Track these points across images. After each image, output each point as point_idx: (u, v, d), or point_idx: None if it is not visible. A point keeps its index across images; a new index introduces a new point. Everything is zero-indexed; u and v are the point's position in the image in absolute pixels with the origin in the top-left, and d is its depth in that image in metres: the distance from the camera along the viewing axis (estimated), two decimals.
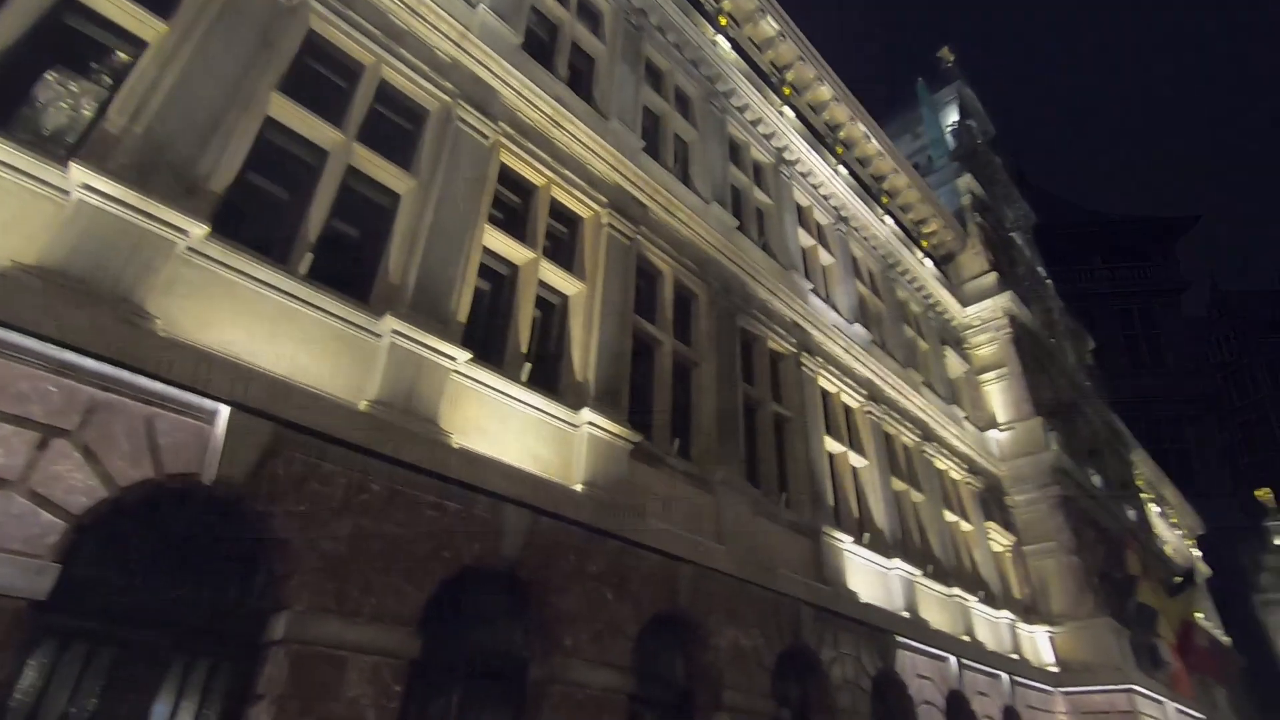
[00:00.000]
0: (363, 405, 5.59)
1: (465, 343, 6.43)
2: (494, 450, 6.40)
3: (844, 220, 16.14)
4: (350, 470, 5.24)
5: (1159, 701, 15.56)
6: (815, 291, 13.45)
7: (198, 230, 4.98)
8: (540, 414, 7.00)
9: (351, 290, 6.01)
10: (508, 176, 8.27)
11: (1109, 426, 26.73)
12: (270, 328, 5.32)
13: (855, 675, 9.42)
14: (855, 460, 12.47)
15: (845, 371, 13.09)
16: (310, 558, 4.82)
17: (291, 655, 4.53)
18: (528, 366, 7.29)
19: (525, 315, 7.59)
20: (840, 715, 8.88)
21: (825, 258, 15.10)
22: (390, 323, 5.90)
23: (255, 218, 6.07)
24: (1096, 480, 20.54)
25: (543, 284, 8.10)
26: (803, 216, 14.84)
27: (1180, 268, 42.88)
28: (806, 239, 14.62)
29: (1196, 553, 36.90)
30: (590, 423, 7.25)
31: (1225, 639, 33.10)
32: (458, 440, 6.09)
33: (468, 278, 6.95)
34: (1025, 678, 13.80)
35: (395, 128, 7.46)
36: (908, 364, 15.69)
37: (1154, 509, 30.74)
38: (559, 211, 8.83)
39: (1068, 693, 14.68)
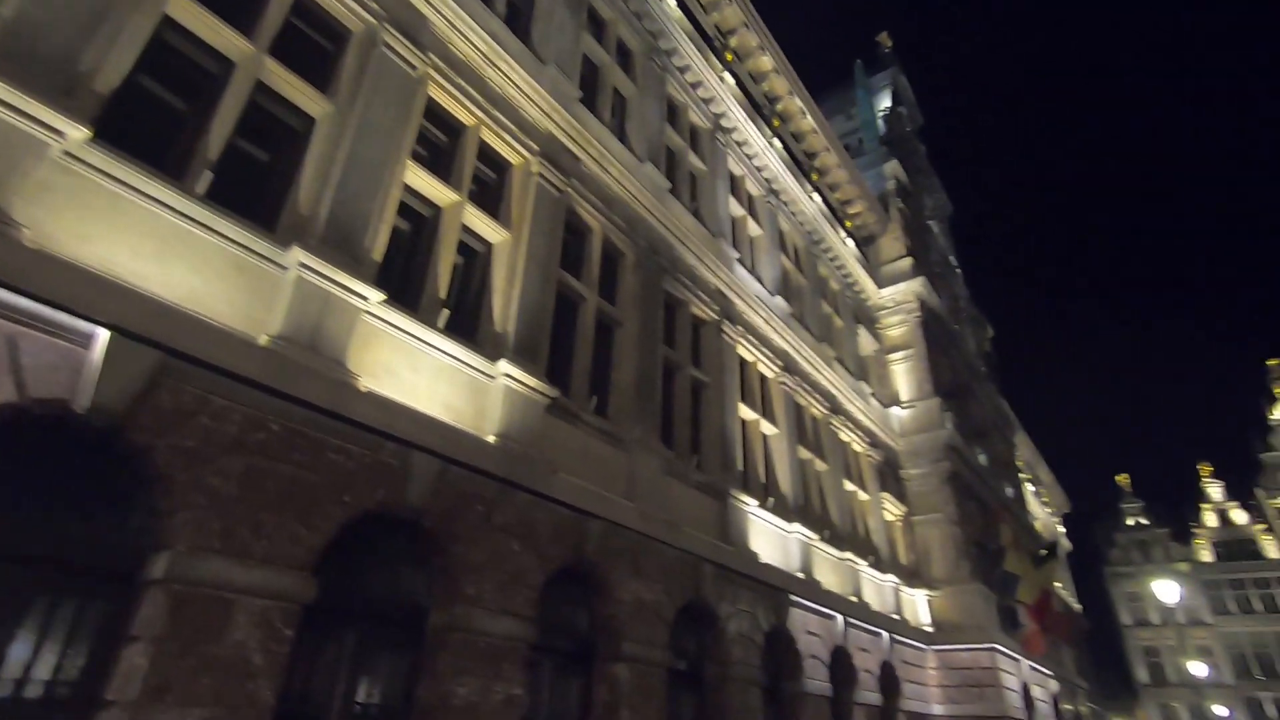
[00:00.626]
0: (263, 340, 5.27)
1: (380, 283, 6.15)
2: (405, 396, 6.21)
3: (774, 193, 16.37)
4: (246, 406, 4.96)
5: (1016, 659, 17.20)
6: (741, 261, 13.64)
7: (76, 133, 4.49)
8: (456, 362, 6.83)
9: (256, 217, 5.60)
10: (435, 113, 7.88)
11: (998, 410, 28.77)
12: (159, 248, 4.90)
13: (750, 630, 9.90)
14: (766, 428, 12.89)
15: (764, 342, 13.43)
16: (197, 495, 4.56)
17: (172, 596, 4.30)
18: (445, 313, 7.07)
19: (446, 260, 7.33)
20: (732, 667, 9.33)
21: (754, 229, 15.32)
22: (298, 255, 5.56)
23: (147, 127, 5.53)
24: (982, 459, 22.15)
25: (466, 229, 7.84)
26: (735, 185, 14.95)
27: None
28: (737, 208, 14.76)
29: (1061, 529, 40.62)
30: (507, 375, 7.14)
31: (1077, 606, 36.84)
32: (366, 383, 5.86)
33: (386, 215, 6.62)
34: (903, 636, 14.90)
35: (313, 46, 6.93)
36: (823, 339, 16.26)
37: (1029, 488, 33.53)
38: (488, 155, 8.51)
39: (939, 650, 15.99)
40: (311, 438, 5.29)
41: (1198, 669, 40.47)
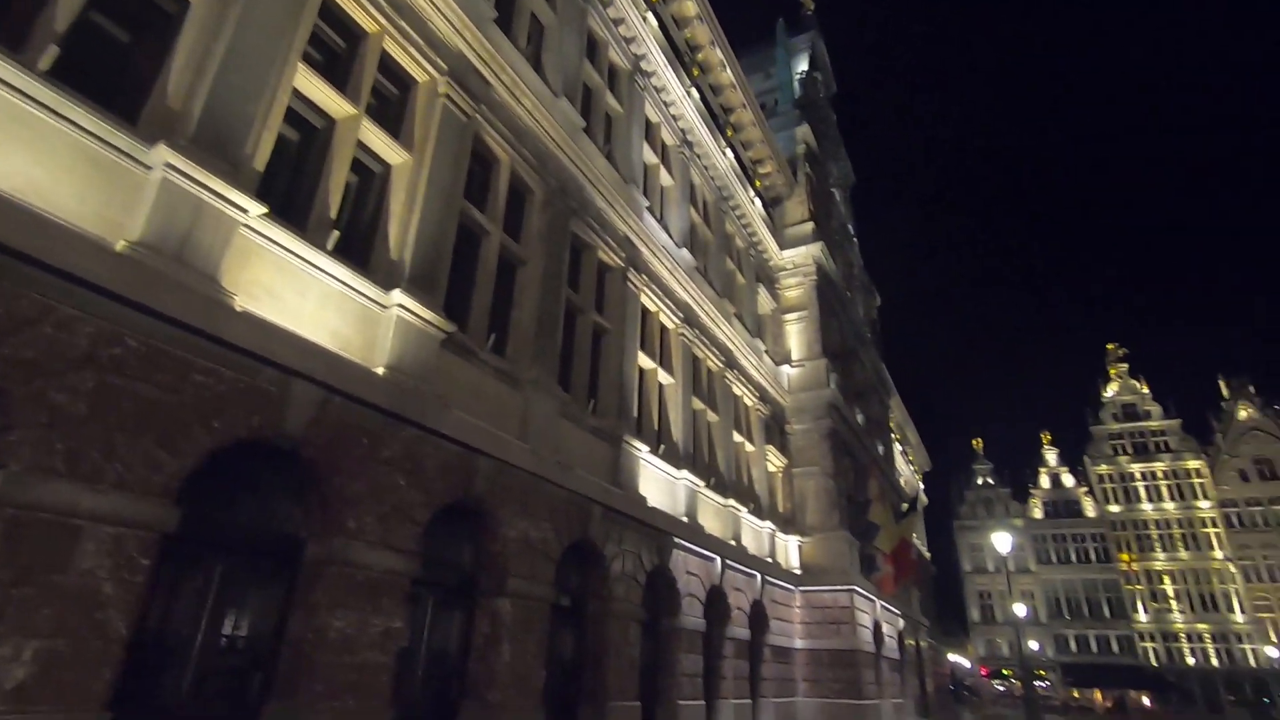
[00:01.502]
0: (120, 245, 4.75)
1: (262, 195, 5.65)
2: (287, 320, 5.82)
3: (689, 145, 16.32)
4: (100, 318, 4.48)
5: (871, 600, 18.91)
6: (651, 210, 13.61)
7: None
8: (345, 288, 6.45)
9: (115, 106, 4.97)
10: (332, 13, 7.19)
11: (878, 374, 30.75)
12: None
13: (633, 570, 10.28)
14: (664, 378, 13.16)
15: (667, 293, 13.57)
16: (37, 412, 4.11)
17: (5, 520, 3.91)
18: (335, 235, 6.63)
19: (338, 178, 6.83)
20: (615, 604, 9.69)
21: (665, 179, 15.26)
22: (164, 154, 4.99)
23: None
24: (860, 418, 23.72)
25: (363, 147, 7.32)
26: (650, 132, 14.76)
27: None
28: (650, 156, 14.62)
29: (921, 485, 44.50)
30: (401, 305, 6.84)
31: (927, 554, 40.81)
32: (243, 303, 5.44)
33: (270, 121, 6.04)
34: (775, 578, 15.98)
35: None
36: (724, 295, 16.63)
37: (898, 447, 36.35)
38: (391, 69, 7.92)
39: (805, 590, 17.30)
40: (176, 357, 4.87)
41: (1019, 610, 46.17)
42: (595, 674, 9.32)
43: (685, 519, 12.19)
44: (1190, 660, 46.55)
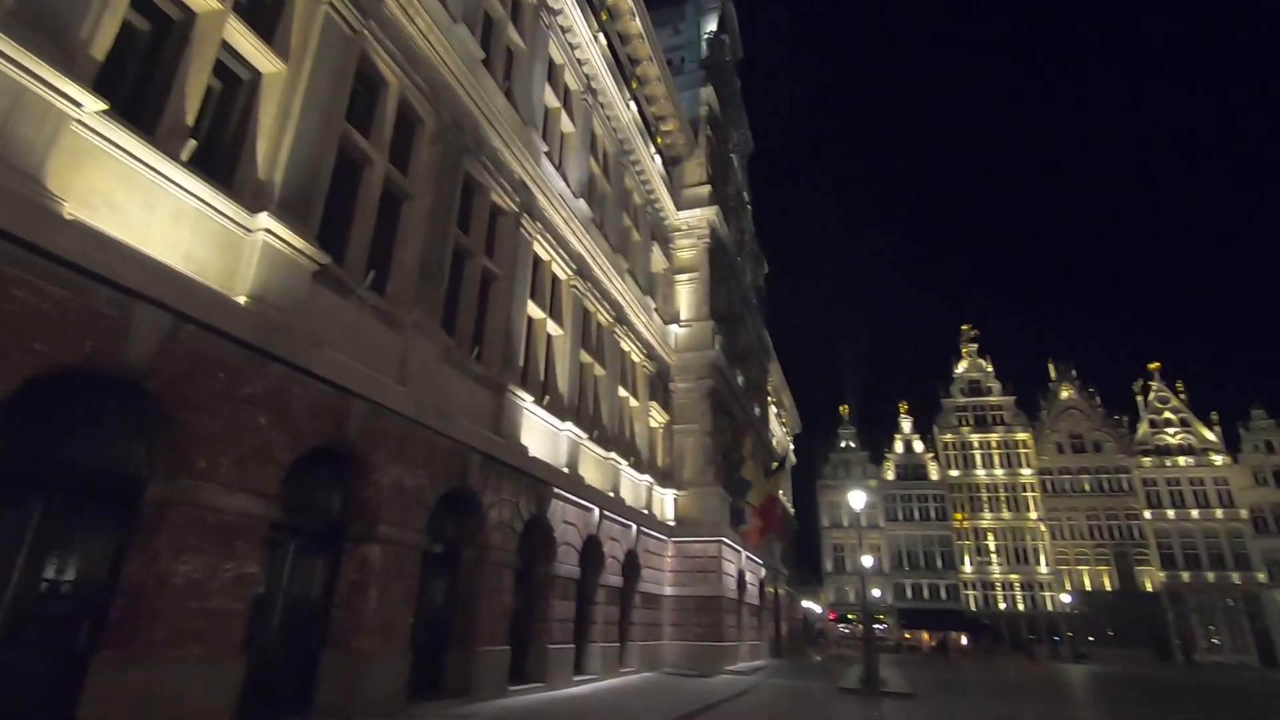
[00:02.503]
0: None
1: (102, 90, 4.94)
2: (131, 235, 5.19)
3: (593, 92, 15.92)
4: None
5: (737, 550, 20.06)
6: (550, 157, 13.22)
7: None
8: (203, 206, 5.83)
9: None
10: None
11: (760, 340, 32.06)
12: None
13: (511, 518, 10.27)
14: (553, 329, 13.03)
15: (561, 243, 13.34)
16: None
17: None
18: (192, 144, 5.93)
19: (197, 80, 6.08)
20: (490, 551, 9.67)
21: (566, 125, 14.84)
22: None
23: None
24: (740, 380, 24.72)
25: (228, 48, 6.54)
26: (553, 73, 14.24)
27: None
28: (552, 99, 14.13)
29: (791, 446, 47.35)
30: (269, 231, 6.27)
31: (791, 509, 43.73)
32: (75, 211, 4.78)
33: (113, 2, 5.25)
34: (650, 529, 16.55)
35: None
36: (619, 250, 16.59)
37: (773, 409, 38.31)
38: None
39: (677, 541, 18.07)
40: None
41: (867, 561, 50.78)
42: (465, 619, 9.32)
43: (566, 470, 12.28)
44: (1002, 605, 53.38)
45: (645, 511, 16.50)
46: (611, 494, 14.43)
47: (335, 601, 7.27)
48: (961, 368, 61.65)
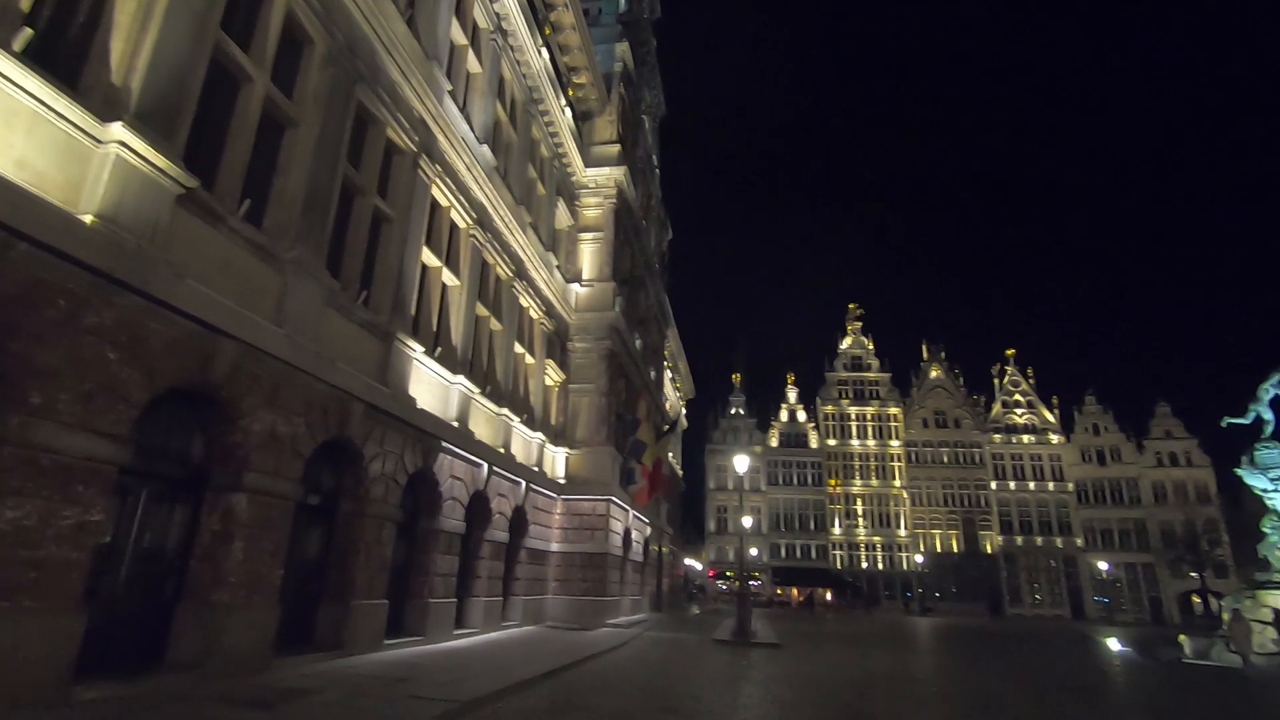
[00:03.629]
0: None
1: None
2: None
3: (503, 33, 15.20)
4: None
5: (625, 509, 20.52)
6: (454, 96, 12.56)
7: None
8: (41, 108, 5.11)
9: None
10: None
11: (660, 305, 32.44)
12: None
13: (394, 471, 9.96)
14: (448, 278, 12.56)
15: (462, 189, 12.80)
16: None
17: None
18: (27, 34, 5.16)
19: None
20: (371, 504, 9.35)
21: (473, 64, 14.13)
22: None
23: None
24: (638, 343, 24.97)
25: None
26: (461, 7, 13.46)
27: None
28: (460, 35, 13.39)
29: (684, 410, 48.62)
30: (123, 144, 5.59)
31: (680, 471, 45.13)
32: None
33: None
34: (540, 486, 16.57)
35: None
36: (522, 202, 16.14)
37: (669, 374, 39.10)
38: None
39: (567, 499, 18.23)
40: None
41: (747, 522, 53.63)
42: (342, 573, 9.02)
43: (456, 424, 12.01)
44: (865, 564, 58.03)
45: (536, 469, 16.48)
46: (502, 450, 14.29)
47: (195, 553, 6.81)
48: (846, 344, 65.29)
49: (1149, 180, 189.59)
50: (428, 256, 11.71)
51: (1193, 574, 49.38)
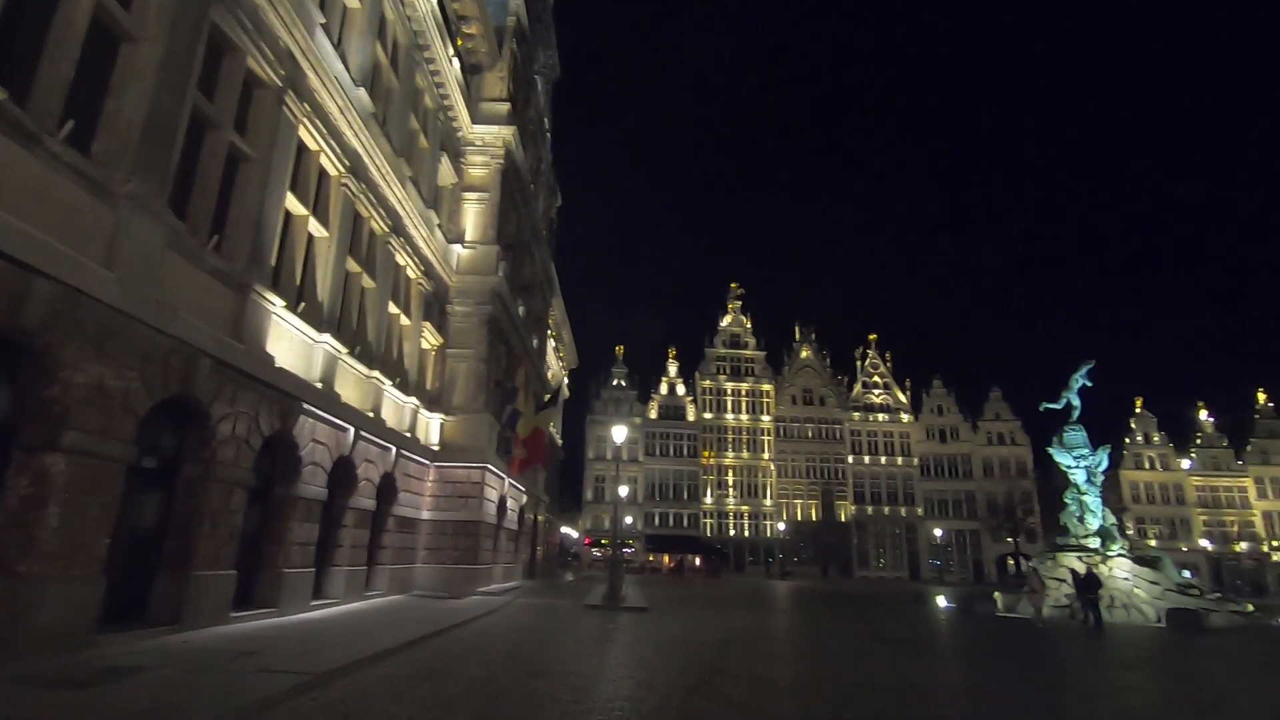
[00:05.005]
0: None
1: None
2: None
3: None
4: None
5: (501, 477, 20.30)
6: (327, 31, 11.57)
7: None
8: None
9: None
10: None
11: (546, 273, 31.99)
12: None
13: (247, 433, 9.24)
14: (315, 229, 11.70)
15: (334, 134, 11.89)
16: None
17: None
18: None
19: None
20: (218, 468, 8.64)
21: None
22: None
23: None
24: (521, 310, 24.53)
25: None
26: None
27: None
28: None
29: (566, 380, 48.53)
30: None
31: (560, 441, 45.17)
32: None
33: None
34: (411, 452, 16.00)
35: None
36: (402, 154, 15.25)
37: (552, 343, 38.79)
38: None
39: (440, 466, 17.74)
40: None
41: (623, 491, 54.69)
42: (182, 542, 8.29)
43: (320, 385, 11.31)
44: (733, 532, 61.15)
45: (408, 435, 15.89)
46: (371, 414, 13.63)
47: None
48: (726, 322, 67.58)
49: (1004, 176, 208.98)
50: (292, 203, 10.83)
51: (1009, 539, 56.27)
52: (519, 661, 8.31)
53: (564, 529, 57.46)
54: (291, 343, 10.58)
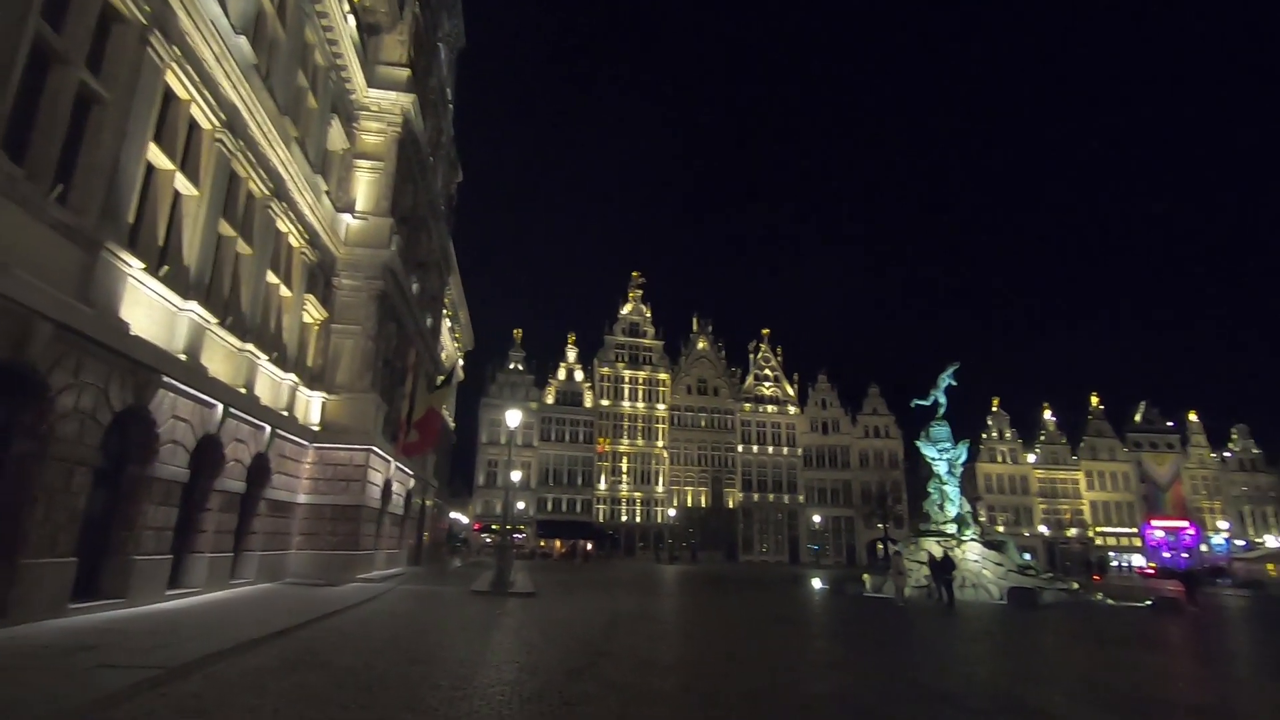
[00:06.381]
0: None
1: None
2: None
3: None
4: None
5: (387, 460, 19.51)
6: None
7: None
8: None
9: None
10: None
11: (444, 250, 30.91)
12: None
13: (94, 406, 8.35)
14: (183, 186, 10.69)
15: (208, 83, 10.88)
16: None
17: None
18: None
19: None
20: (57, 445, 7.76)
21: None
22: None
23: None
24: (416, 288, 23.59)
25: None
26: None
27: None
28: None
29: (461, 362, 47.24)
30: None
31: (453, 424, 43.96)
32: None
33: None
34: (288, 432, 15.05)
35: None
36: (287, 113, 14.21)
37: (447, 323, 37.60)
38: None
39: (320, 447, 16.80)
40: None
41: (515, 476, 53.97)
42: (10, 526, 7.39)
43: (184, 357, 10.39)
44: (624, 518, 61.97)
45: (285, 413, 14.93)
46: (244, 391, 12.69)
47: None
48: (626, 310, 68.01)
49: (911, 178, 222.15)
50: (157, 156, 9.83)
51: (880, 525, 60.49)
52: (398, 649, 8.06)
53: (454, 514, 56.10)
54: (151, 309, 9.65)
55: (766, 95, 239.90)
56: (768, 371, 69.52)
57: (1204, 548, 65.55)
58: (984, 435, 70.19)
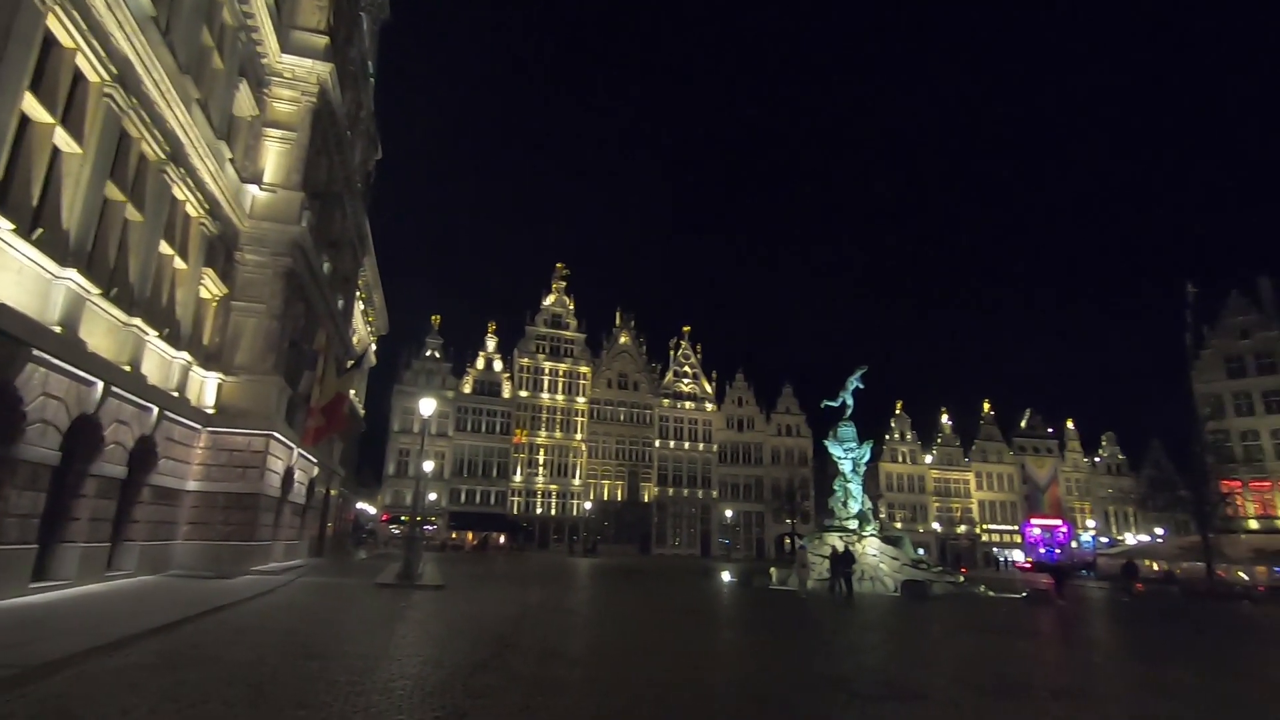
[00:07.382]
0: None
1: None
2: None
3: None
4: None
5: (289, 447, 18.57)
6: None
7: None
8: None
9: None
10: None
11: (359, 229, 29.65)
12: None
13: None
14: (64, 142, 9.78)
15: (97, 33, 9.98)
16: None
17: None
18: None
19: None
20: None
21: None
22: None
23: None
24: (327, 267, 22.53)
25: None
26: None
27: None
28: None
29: (374, 346, 45.47)
30: None
31: (362, 411, 42.29)
32: None
33: None
34: (178, 414, 14.07)
35: None
36: (189, 71, 13.22)
37: (360, 305, 36.09)
38: None
39: (214, 431, 15.79)
40: None
41: (427, 466, 52.49)
42: None
43: (59, 329, 9.52)
44: (540, 510, 61.50)
45: (176, 394, 13.94)
46: (129, 368, 11.77)
47: None
48: (549, 301, 67.37)
49: (826, 183, 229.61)
50: (31, 106, 8.94)
51: (788, 520, 62.73)
52: (294, 644, 7.71)
53: (362, 504, 54.05)
54: (21, 275, 8.78)
55: (698, 96, 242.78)
56: (687, 368, 70.56)
57: (1074, 544, 71.60)
58: (887, 436, 73.88)
